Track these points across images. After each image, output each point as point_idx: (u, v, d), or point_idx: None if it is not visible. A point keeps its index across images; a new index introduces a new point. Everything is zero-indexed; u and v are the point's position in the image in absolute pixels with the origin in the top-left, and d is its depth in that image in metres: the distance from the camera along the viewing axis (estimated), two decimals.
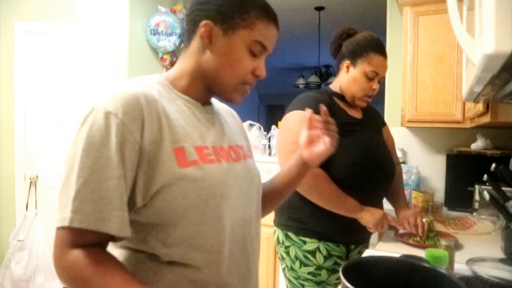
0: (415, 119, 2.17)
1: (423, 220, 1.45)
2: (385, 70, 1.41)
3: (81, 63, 3.01)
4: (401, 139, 2.51)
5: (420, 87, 2.15)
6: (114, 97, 0.65)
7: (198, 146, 0.72)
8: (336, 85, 1.48)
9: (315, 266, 1.36)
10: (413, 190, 2.22)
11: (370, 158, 1.37)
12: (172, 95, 0.75)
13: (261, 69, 0.76)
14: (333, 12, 4.38)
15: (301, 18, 4.63)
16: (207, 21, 0.72)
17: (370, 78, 1.38)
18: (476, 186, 1.93)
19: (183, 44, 0.78)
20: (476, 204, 1.91)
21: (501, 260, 1.27)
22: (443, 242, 1.15)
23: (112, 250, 0.70)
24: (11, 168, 2.91)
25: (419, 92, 2.15)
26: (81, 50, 3.00)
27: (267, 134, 3.43)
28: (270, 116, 9.58)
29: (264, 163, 2.91)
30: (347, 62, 1.41)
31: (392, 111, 2.64)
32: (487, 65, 0.53)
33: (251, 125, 3.20)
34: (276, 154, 3.19)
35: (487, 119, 1.24)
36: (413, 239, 1.46)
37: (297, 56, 6.80)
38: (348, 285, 0.69)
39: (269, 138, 3.41)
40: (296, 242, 1.39)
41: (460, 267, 1.18)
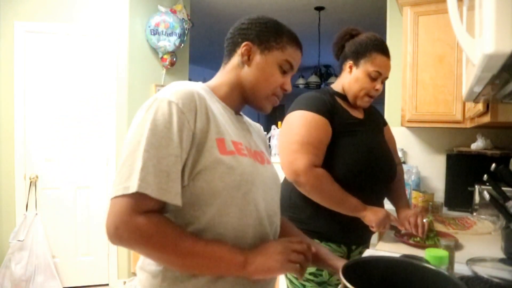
0: (415, 119, 2.17)
1: (424, 220, 1.44)
2: (388, 70, 1.41)
3: (81, 63, 3.01)
4: (401, 139, 2.51)
5: (420, 87, 2.15)
6: (175, 91, 0.77)
7: (235, 141, 0.84)
8: (338, 85, 1.48)
9: (316, 267, 1.36)
10: (413, 190, 2.22)
11: (371, 158, 1.37)
12: (213, 99, 0.88)
13: (288, 85, 0.92)
14: (333, 12, 4.38)
15: (301, 18, 4.63)
16: (248, 42, 0.89)
17: (373, 78, 1.38)
18: (476, 186, 1.93)
19: (223, 63, 0.94)
20: (476, 204, 1.91)
21: (501, 260, 1.26)
22: (443, 242, 1.15)
23: None
24: (11, 168, 2.91)
25: (419, 92, 2.15)
26: (81, 50, 3.00)
27: (267, 134, 3.43)
28: (270, 116, 9.57)
29: None
30: (350, 63, 1.41)
31: (392, 111, 2.65)
32: (487, 65, 0.53)
33: None
34: (276, 154, 3.19)
35: (487, 119, 1.24)
36: (413, 239, 1.46)
37: None
38: (348, 285, 0.69)
39: (269, 138, 3.41)
40: None
41: (460, 267, 1.18)
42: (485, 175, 1.27)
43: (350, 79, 1.41)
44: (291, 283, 1.43)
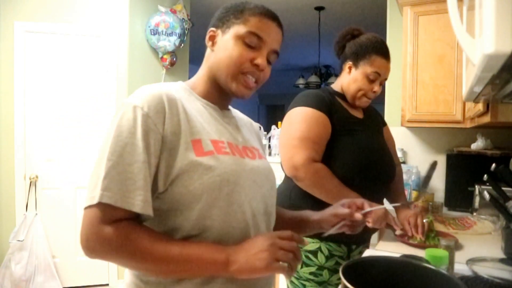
0: (415, 119, 2.17)
1: (424, 220, 1.44)
2: (387, 72, 1.41)
3: (81, 63, 3.01)
4: (401, 139, 2.51)
5: (420, 87, 2.15)
6: (141, 94, 0.75)
7: (214, 139, 0.80)
8: (337, 85, 1.48)
9: (316, 266, 1.36)
10: (413, 190, 2.22)
11: (370, 158, 1.37)
12: (191, 97, 0.85)
13: (260, 59, 0.82)
14: (333, 12, 4.38)
15: (301, 18, 4.63)
16: (212, 28, 0.86)
17: (372, 79, 1.38)
18: (476, 186, 1.93)
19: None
20: (476, 204, 1.91)
21: (501, 260, 1.27)
22: (443, 242, 1.15)
23: None
24: (11, 168, 2.91)
25: (419, 92, 2.15)
26: (81, 50, 3.00)
27: (267, 134, 3.43)
28: (270, 116, 9.57)
29: None
30: (349, 63, 1.42)
31: (392, 111, 2.64)
32: (487, 65, 0.53)
33: None
34: (276, 154, 3.20)
35: (487, 119, 1.24)
36: (413, 239, 1.46)
37: (297, 56, 6.80)
38: (348, 285, 0.69)
39: (269, 138, 3.41)
40: None
41: (460, 267, 1.18)
42: (485, 175, 1.27)
43: (348, 80, 1.42)
44: (291, 283, 1.43)
